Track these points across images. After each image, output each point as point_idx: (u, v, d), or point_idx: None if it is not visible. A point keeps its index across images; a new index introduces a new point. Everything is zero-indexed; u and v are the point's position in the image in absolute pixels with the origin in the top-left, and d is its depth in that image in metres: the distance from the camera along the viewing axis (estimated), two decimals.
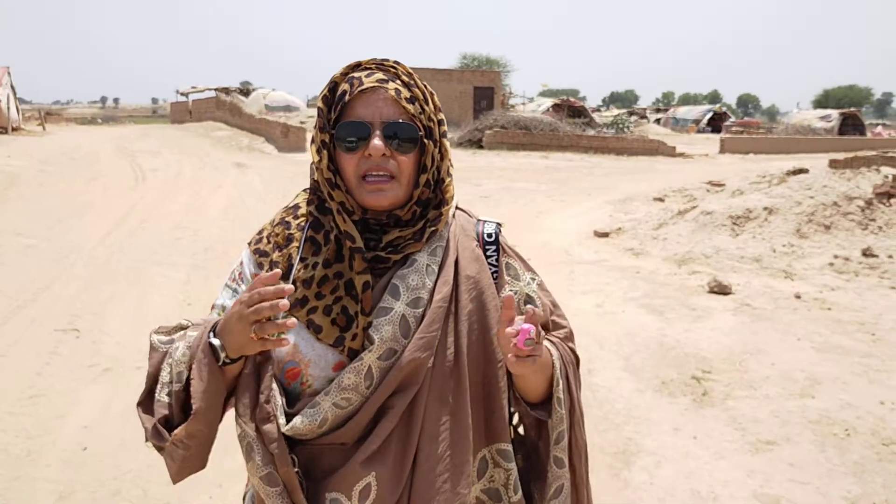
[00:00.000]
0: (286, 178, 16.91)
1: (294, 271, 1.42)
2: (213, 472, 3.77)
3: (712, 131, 50.17)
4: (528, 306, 1.34)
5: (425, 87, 1.45)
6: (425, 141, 1.41)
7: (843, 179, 11.18)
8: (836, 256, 8.71)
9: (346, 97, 1.38)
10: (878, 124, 63.33)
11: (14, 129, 29.24)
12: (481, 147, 28.37)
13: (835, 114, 45.24)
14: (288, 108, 40.49)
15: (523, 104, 47.75)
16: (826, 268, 8.45)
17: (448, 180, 1.50)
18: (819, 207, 9.85)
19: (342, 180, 1.41)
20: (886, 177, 11.64)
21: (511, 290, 1.53)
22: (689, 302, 7.18)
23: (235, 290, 1.51)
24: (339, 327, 1.38)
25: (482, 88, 42.07)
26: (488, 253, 1.56)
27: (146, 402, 1.42)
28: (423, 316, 1.40)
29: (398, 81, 1.41)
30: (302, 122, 30.43)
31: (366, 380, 1.35)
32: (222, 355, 1.33)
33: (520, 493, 1.52)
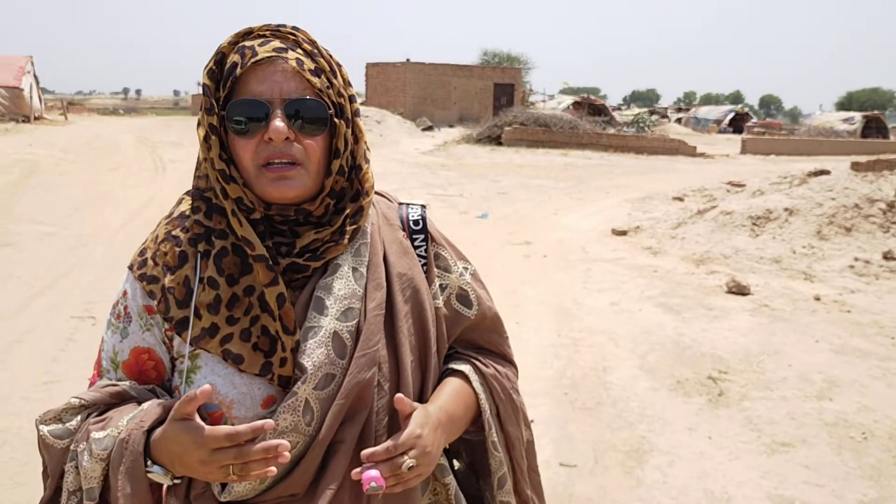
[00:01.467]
0: None
1: (195, 296, 1.18)
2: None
3: (734, 132, 49.81)
4: (400, 437, 1.13)
5: (331, 57, 1.23)
6: (336, 120, 1.18)
7: (864, 182, 11.05)
8: (856, 259, 8.61)
9: (237, 70, 1.14)
10: None
11: (36, 119, 29.58)
12: (500, 144, 28.31)
13: (858, 116, 44.81)
14: None
15: (543, 101, 47.66)
16: (846, 270, 8.35)
17: (366, 167, 1.27)
18: (840, 209, 9.74)
19: (237, 171, 1.17)
20: None
21: (441, 283, 1.37)
22: (706, 302, 7.12)
23: (124, 330, 1.22)
24: (262, 352, 1.16)
25: (502, 85, 42.08)
26: (416, 242, 1.36)
27: None
28: (357, 329, 1.20)
29: (299, 50, 1.17)
30: None
31: (305, 416, 1.14)
32: (167, 479, 1.11)
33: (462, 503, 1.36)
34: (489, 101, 41.03)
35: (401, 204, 1.41)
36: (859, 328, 6.35)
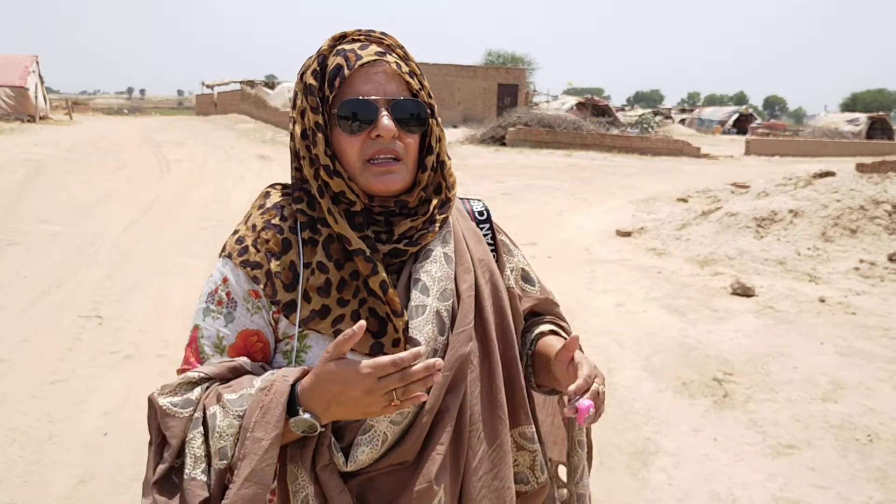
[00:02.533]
0: None
1: (302, 280, 1.25)
2: None
3: (738, 133, 49.76)
4: (584, 370, 1.26)
5: (415, 61, 1.34)
6: (430, 120, 1.30)
7: (870, 183, 11.03)
8: (861, 261, 8.60)
9: (345, 72, 1.23)
10: None
11: (41, 118, 29.67)
12: (504, 144, 28.29)
13: (863, 117, 44.76)
14: None
15: (547, 102, 47.66)
16: (851, 272, 8.34)
17: (449, 163, 1.38)
18: (845, 211, 9.72)
19: (342, 166, 1.26)
20: None
21: (510, 266, 1.54)
22: (711, 303, 7.12)
23: (228, 315, 1.27)
24: (371, 332, 1.25)
25: (506, 86, 42.03)
26: (483, 231, 1.51)
27: (163, 482, 1.15)
28: (453, 309, 1.31)
29: (394, 54, 1.28)
30: None
31: None
32: (319, 427, 1.14)
33: (546, 473, 1.47)
34: (493, 102, 40.98)
35: (462, 199, 1.55)
36: (864, 330, 6.34)
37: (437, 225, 1.34)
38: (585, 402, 1.22)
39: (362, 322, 1.09)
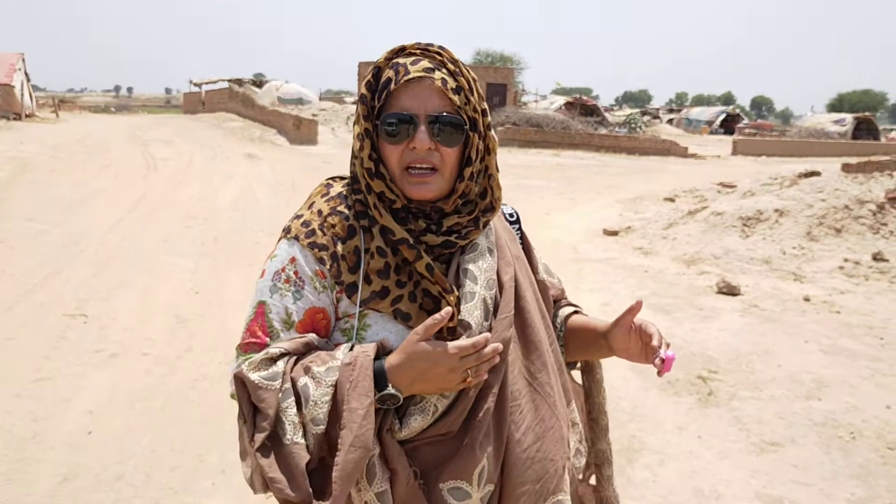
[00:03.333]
0: (297, 171, 16.95)
1: (363, 263, 1.37)
2: (218, 457, 3.79)
3: (725, 133, 49.97)
4: (653, 329, 1.51)
5: (470, 74, 1.41)
6: (470, 133, 1.39)
7: (855, 183, 11.11)
8: (846, 260, 8.66)
9: (392, 86, 1.34)
10: (892, 129, 62.92)
11: (27, 116, 29.47)
12: None
13: (849, 118, 45.03)
14: (300, 101, 40.50)
15: (535, 102, 47.67)
16: (836, 271, 8.40)
17: (497, 175, 1.48)
18: (830, 211, 9.79)
19: (385, 169, 1.38)
20: None
21: (540, 263, 1.72)
22: (697, 302, 7.16)
23: (297, 293, 1.36)
24: (426, 311, 1.37)
25: (495, 85, 41.98)
26: (514, 230, 1.67)
27: (262, 449, 1.25)
28: (496, 297, 1.43)
29: (444, 70, 1.37)
30: (314, 115, 30.45)
31: None
32: (400, 401, 1.30)
33: (585, 446, 1.69)
34: None
35: None
36: (848, 329, 6.39)
37: (481, 225, 1.44)
38: (670, 352, 1.43)
39: (449, 309, 1.28)
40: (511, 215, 1.70)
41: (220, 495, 3.50)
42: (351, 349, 1.32)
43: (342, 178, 1.51)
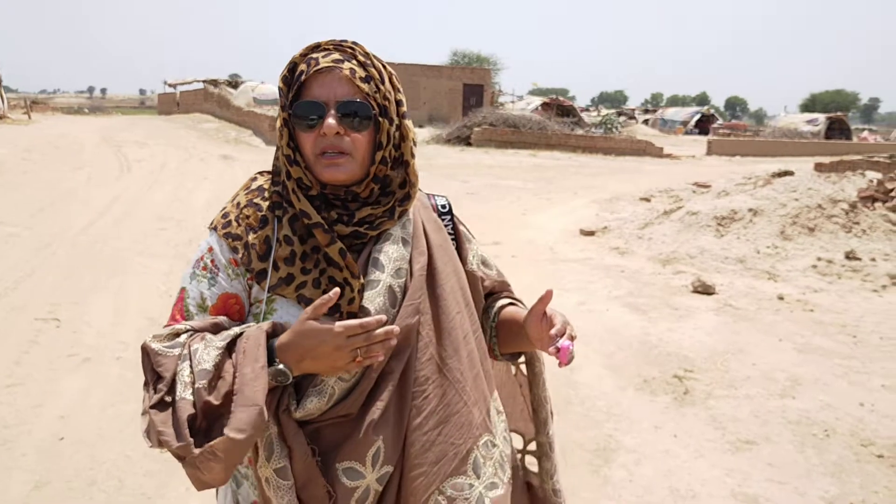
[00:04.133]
0: None
1: (273, 251, 1.45)
2: None
3: (700, 133, 50.40)
4: (558, 318, 1.51)
5: (384, 66, 1.49)
6: (379, 119, 1.45)
7: (828, 182, 11.24)
8: (819, 259, 8.75)
9: (303, 77, 1.42)
10: (864, 129, 63.82)
11: None
12: (469, 144, 28.34)
13: (822, 118, 45.56)
14: (276, 102, 40.29)
15: (512, 102, 47.82)
16: (809, 270, 8.49)
17: (412, 162, 1.54)
18: (803, 210, 9.89)
19: (301, 157, 1.45)
20: (871, 181, 11.71)
21: (472, 253, 1.75)
22: (672, 301, 7.20)
23: (212, 279, 1.47)
24: None
25: (472, 86, 42.07)
26: (445, 222, 1.72)
27: (158, 406, 1.32)
28: (405, 285, 1.49)
29: (354, 61, 1.44)
30: None
31: None
32: (290, 377, 1.35)
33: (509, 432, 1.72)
34: (459, 102, 41.00)
35: (428, 194, 1.77)
36: (822, 327, 6.46)
37: (397, 215, 1.51)
38: (566, 342, 1.44)
39: (336, 290, 1.33)
40: (443, 206, 1.76)
41: (193, 500, 3.46)
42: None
43: (269, 172, 1.58)
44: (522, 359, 1.88)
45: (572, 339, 1.48)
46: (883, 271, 8.29)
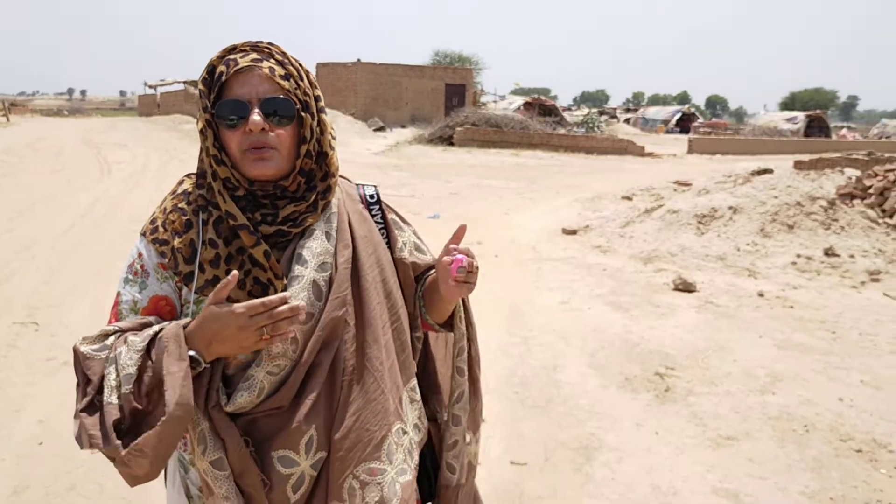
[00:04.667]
0: None
1: (199, 254, 1.49)
2: (172, 466, 3.73)
3: (681, 132, 50.65)
4: (463, 247, 1.57)
5: (300, 65, 1.54)
6: (302, 114, 1.49)
7: (807, 180, 11.33)
8: (798, 255, 8.82)
9: (224, 77, 1.45)
10: (843, 127, 64.33)
11: None
12: (452, 144, 28.35)
13: (801, 116, 45.96)
14: None
15: (495, 102, 47.93)
16: (789, 267, 8.55)
17: (331, 153, 1.59)
18: (783, 207, 9.96)
19: (227, 156, 1.48)
20: (850, 178, 11.83)
21: (402, 241, 1.77)
22: (654, 299, 7.23)
23: (142, 283, 1.51)
24: (255, 297, 1.45)
25: (454, 85, 42.12)
26: (373, 212, 1.75)
27: (88, 409, 1.37)
28: (330, 279, 1.53)
29: (272, 60, 1.48)
30: None
31: (292, 344, 1.46)
32: (203, 363, 1.39)
33: (425, 418, 1.74)
34: (441, 102, 41.03)
35: (357, 185, 1.79)
36: (801, 323, 6.51)
37: (319, 209, 1.55)
38: (461, 256, 1.52)
39: (235, 272, 1.35)
40: (371, 196, 1.78)
41: None
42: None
43: (195, 175, 1.59)
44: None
45: (473, 265, 1.55)
46: (861, 267, 8.38)
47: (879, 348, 5.89)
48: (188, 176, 1.61)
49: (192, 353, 1.37)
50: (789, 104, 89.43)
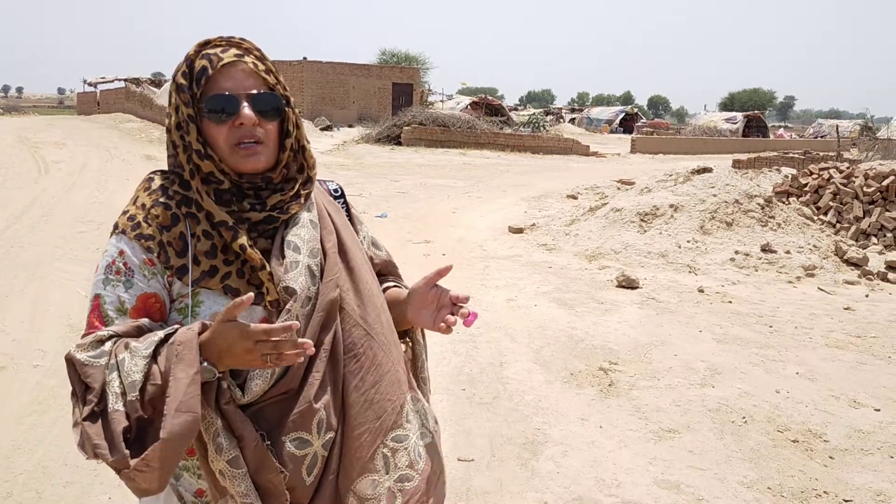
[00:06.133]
0: None
1: (191, 247, 1.49)
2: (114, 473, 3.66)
3: (624, 131, 51.46)
4: (457, 294, 1.62)
5: (271, 62, 1.58)
6: (286, 108, 1.55)
7: (745, 179, 11.62)
8: (737, 252, 9.04)
9: (209, 72, 1.47)
10: (780, 126, 66.08)
11: None
12: (399, 143, 28.32)
13: (740, 116, 47.10)
14: None
15: (442, 101, 47.96)
16: (727, 263, 8.77)
17: (308, 146, 1.64)
18: (722, 205, 10.20)
19: (212, 151, 1.49)
20: (786, 177, 12.17)
21: (363, 235, 1.84)
22: (598, 296, 7.34)
23: (127, 282, 1.47)
24: (254, 286, 1.50)
25: (401, 85, 42.05)
26: (339, 204, 1.81)
27: (89, 418, 1.32)
28: (321, 263, 1.57)
29: (252, 56, 1.52)
30: None
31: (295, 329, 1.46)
32: (216, 373, 1.38)
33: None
34: (388, 101, 40.93)
35: (320, 180, 1.81)
36: (739, 318, 6.68)
37: (303, 198, 1.59)
38: (473, 308, 1.59)
39: (251, 294, 1.32)
40: (335, 190, 1.85)
41: None
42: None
43: (163, 172, 1.60)
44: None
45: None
46: (797, 263, 8.63)
47: (815, 341, 6.08)
48: (155, 173, 1.61)
49: (205, 363, 1.36)
50: (728, 104, 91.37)
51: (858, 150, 27.64)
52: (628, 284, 7.68)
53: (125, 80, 39.41)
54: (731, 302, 7.22)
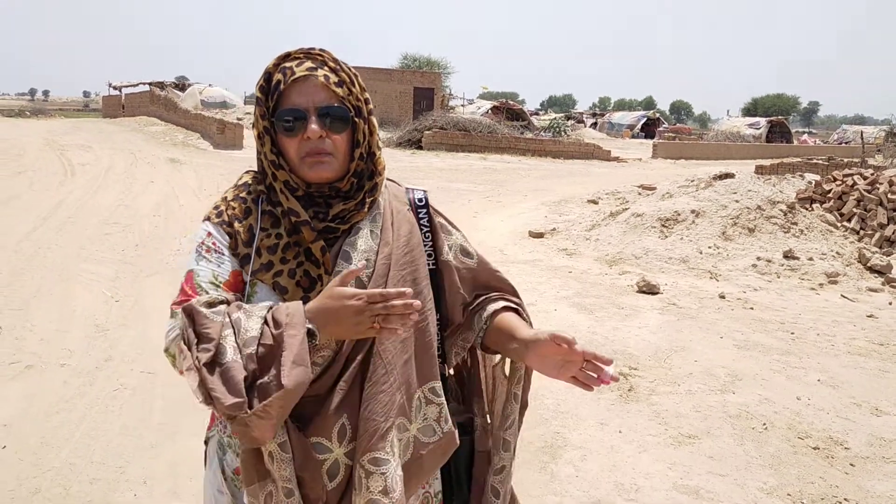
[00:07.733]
0: (221, 175, 16.63)
1: (257, 239, 1.58)
2: (139, 468, 3.73)
3: (646, 136, 51.20)
4: (601, 356, 1.57)
5: (350, 70, 1.62)
6: (355, 120, 1.58)
7: (767, 185, 11.55)
8: (758, 258, 9.00)
9: (281, 86, 1.53)
10: (804, 132, 65.50)
11: None
12: (420, 147, 28.40)
13: (763, 121, 46.78)
14: (224, 105, 39.86)
15: (463, 106, 48.02)
16: (749, 269, 8.73)
17: (378, 154, 1.68)
18: (744, 211, 10.15)
19: (285, 161, 1.57)
20: (810, 183, 12.08)
21: (448, 244, 1.83)
22: (618, 301, 7.34)
23: (219, 259, 1.58)
24: (302, 288, 1.56)
25: (422, 89, 42.13)
26: (420, 215, 1.80)
27: (208, 367, 1.40)
28: (371, 274, 1.59)
29: (326, 68, 1.56)
30: (239, 119, 29.97)
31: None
32: (318, 338, 1.44)
33: (450, 422, 1.71)
34: (409, 105, 41.03)
35: (408, 189, 1.86)
36: (761, 324, 6.66)
37: (366, 207, 1.63)
38: (613, 370, 1.59)
39: (364, 262, 1.53)
40: (420, 200, 1.84)
41: None
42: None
43: (254, 172, 1.70)
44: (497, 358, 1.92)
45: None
46: (819, 270, 8.57)
47: (836, 348, 6.05)
48: (247, 172, 1.72)
49: (310, 325, 1.42)
50: (752, 110, 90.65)
51: (883, 157, 27.31)
52: (649, 290, 7.67)
53: (149, 83, 39.84)
54: (752, 308, 7.19)
